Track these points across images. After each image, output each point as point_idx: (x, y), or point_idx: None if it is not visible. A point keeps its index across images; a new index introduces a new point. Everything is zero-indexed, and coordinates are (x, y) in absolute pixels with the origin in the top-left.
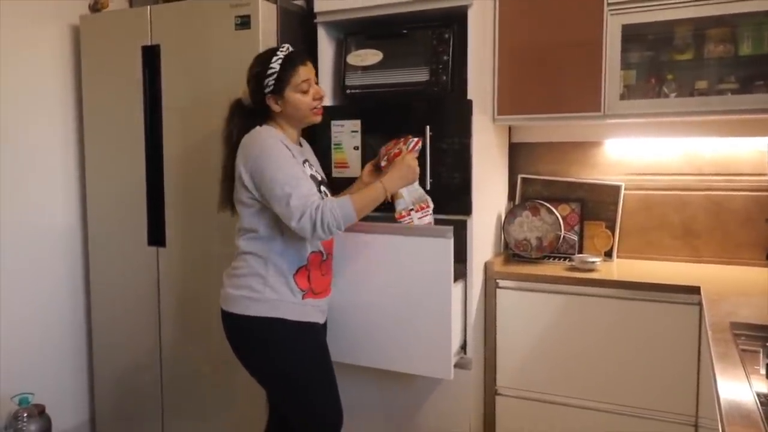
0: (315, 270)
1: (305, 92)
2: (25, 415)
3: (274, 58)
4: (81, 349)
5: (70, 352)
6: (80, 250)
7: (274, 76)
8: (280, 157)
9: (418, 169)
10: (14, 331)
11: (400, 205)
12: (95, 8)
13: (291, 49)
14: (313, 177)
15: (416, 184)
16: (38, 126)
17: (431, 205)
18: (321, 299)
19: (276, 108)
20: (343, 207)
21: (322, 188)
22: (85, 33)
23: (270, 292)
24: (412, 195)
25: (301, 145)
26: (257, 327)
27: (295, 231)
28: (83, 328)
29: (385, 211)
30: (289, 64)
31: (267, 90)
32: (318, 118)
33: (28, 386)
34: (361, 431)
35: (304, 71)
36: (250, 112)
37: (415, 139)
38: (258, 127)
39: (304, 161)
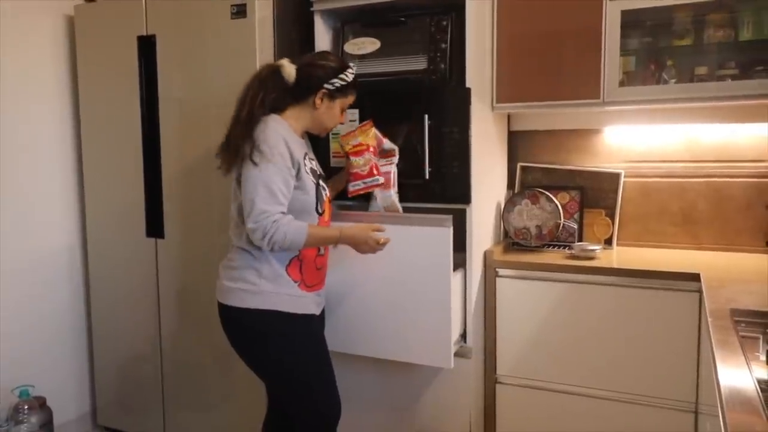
0: (308, 263)
1: (341, 113)
2: (26, 407)
3: (351, 71)
4: (81, 341)
5: (70, 344)
6: (79, 242)
7: (344, 83)
8: (270, 159)
9: (373, 250)
10: (14, 324)
11: (372, 207)
12: None
13: None
14: (312, 171)
15: (392, 191)
16: (34, 117)
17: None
18: (312, 292)
19: (317, 102)
20: (297, 234)
21: (321, 182)
22: (80, 23)
23: (265, 284)
24: (385, 201)
25: (303, 138)
26: (253, 319)
27: (248, 231)
28: (83, 319)
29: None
30: (353, 87)
31: (327, 86)
32: (323, 134)
33: (29, 378)
34: (361, 421)
35: (353, 98)
36: (280, 87)
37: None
38: (272, 116)
39: (305, 154)
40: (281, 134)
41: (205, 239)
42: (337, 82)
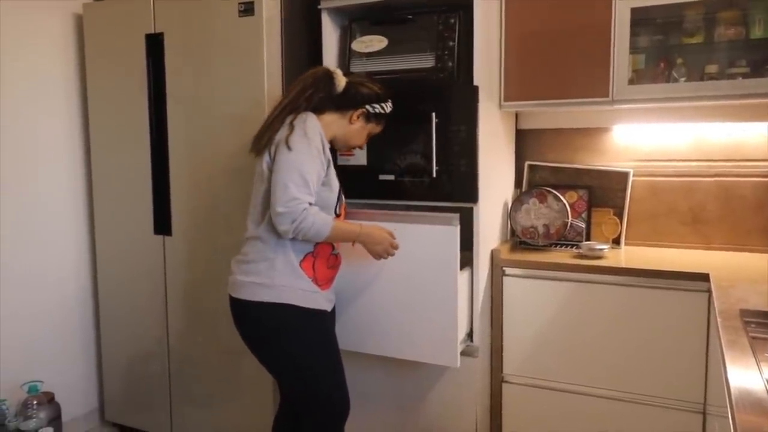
0: (321, 260)
1: (366, 137)
2: (35, 402)
3: (390, 104)
4: (89, 337)
5: (79, 340)
6: (87, 239)
7: (381, 110)
8: (307, 148)
9: (386, 254)
10: (23, 320)
11: None
12: None
13: None
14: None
15: None
16: (43, 115)
17: None
18: (323, 291)
19: (353, 118)
20: (323, 226)
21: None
22: (89, 22)
23: (278, 278)
24: None
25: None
26: (266, 313)
27: (273, 215)
28: (91, 316)
29: (394, 198)
30: (386, 118)
31: (369, 107)
32: (340, 150)
33: (37, 374)
34: (368, 419)
35: (379, 130)
36: (328, 91)
37: None
38: (311, 114)
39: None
40: (318, 130)
41: (212, 236)
42: (378, 108)
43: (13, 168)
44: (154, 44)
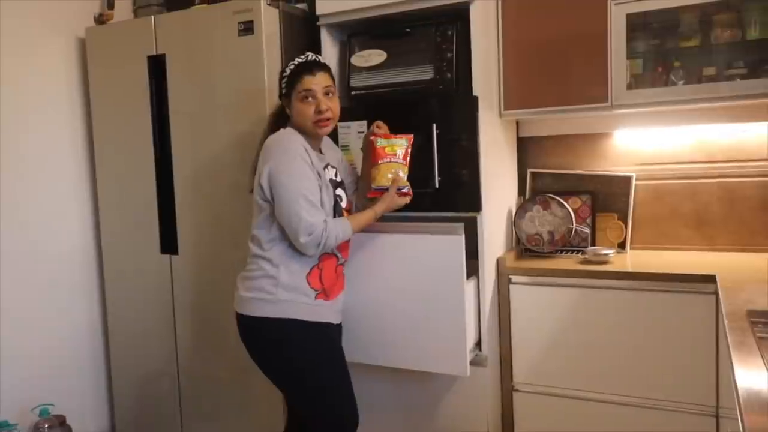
0: (328, 271)
1: (306, 102)
2: (46, 426)
3: (290, 63)
4: (99, 358)
5: (88, 362)
6: (94, 260)
7: (285, 80)
8: (298, 166)
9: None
10: (33, 343)
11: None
12: (100, 20)
13: (312, 57)
14: (331, 180)
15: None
16: (48, 137)
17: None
18: (331, 300)
19: (288, 111)
20: (345, 233)
21: (338, 191)
22: (92, 45)
23: (282, 293)
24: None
25: (322, 152)
26: (270, 328)
27: (296, 245)
28: (100, 337)
29: (396, 211)
30: (297, 71)
31: (281, 92)
32: (321, 131)
33: (48, 397)
34: (378, 431)
35: (308, 81)
36: (279, 112)
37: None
38: (283, 129)
39: (326, 165)
40: (296, 140)
41: (218, 254)
42: (283, 83)
43: (19, 190)
44: (157, 65)
